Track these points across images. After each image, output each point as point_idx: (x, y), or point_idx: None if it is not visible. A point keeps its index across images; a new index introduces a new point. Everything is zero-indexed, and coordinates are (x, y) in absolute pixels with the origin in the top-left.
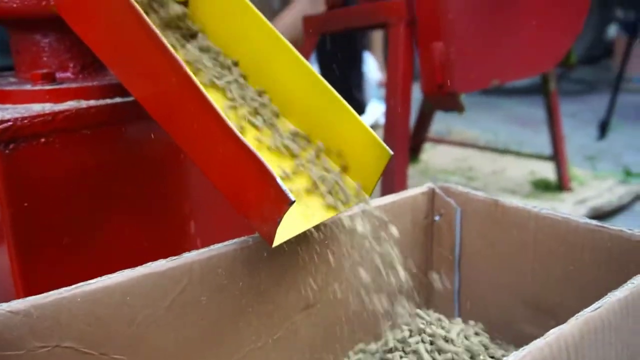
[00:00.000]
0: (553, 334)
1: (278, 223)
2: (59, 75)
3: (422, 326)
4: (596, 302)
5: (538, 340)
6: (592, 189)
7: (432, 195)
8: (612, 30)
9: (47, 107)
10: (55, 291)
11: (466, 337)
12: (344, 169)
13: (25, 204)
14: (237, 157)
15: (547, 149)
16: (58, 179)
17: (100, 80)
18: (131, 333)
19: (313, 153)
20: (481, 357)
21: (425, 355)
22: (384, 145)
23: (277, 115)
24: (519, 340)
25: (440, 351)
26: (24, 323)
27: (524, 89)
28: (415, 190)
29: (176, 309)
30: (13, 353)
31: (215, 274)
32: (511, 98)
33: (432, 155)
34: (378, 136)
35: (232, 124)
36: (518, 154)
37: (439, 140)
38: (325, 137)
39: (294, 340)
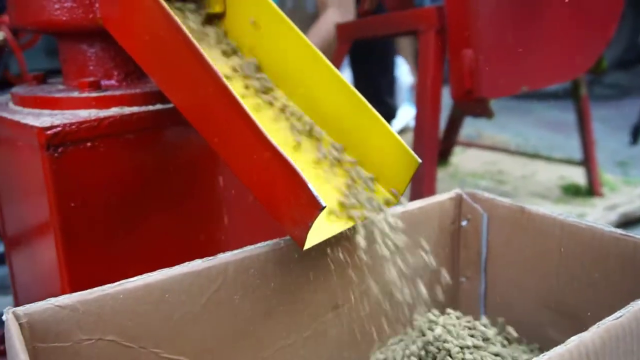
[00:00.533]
0: (574, 341)
1: (309, 227)
2: (103, 83)
3: (450, 327)
4: (619, 311)
5: (559, 347)
6: (623, 195)
7: (459, 201)
8: None
9: (93, 113)
10: (99, 288)
11: (490, 340)
12: (374, 176)
13: (72, 204)
14: (271, 164)
15: (578, 154)
16: (103, 181)
17: (142, 88)
18: (169, 328)
19: (347, 160)
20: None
21: (455, 353)
22: (413, 153)
23: (312, 126)
24: (543, 343)
25: (466, 352)
26: (71, 317)
27: (555, 94)
28: (443, 196)
29: (211, 307)
30: (60, 345)
31: (248, 274)
32: (542, 102)
33: (462, 158)
34: (408, 140)
35: (266, 132)
36: (548, 158)
37: (469, 144)
38: (357, 146)
39: (322, 339)
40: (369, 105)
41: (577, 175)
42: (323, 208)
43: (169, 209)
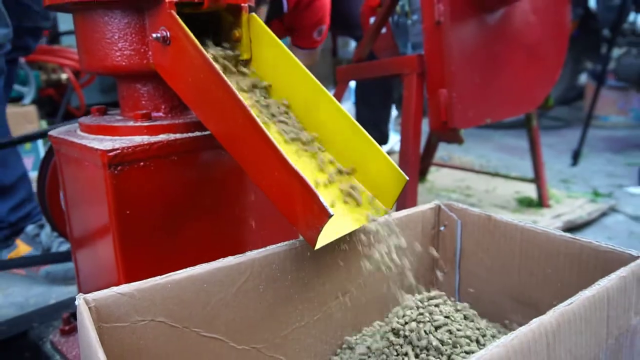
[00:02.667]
0: (535, 322)
1: (320, 231)
2: (153, 115)
3: (430, 306)
4: (569, 299)
5: (523, 327)
6: (567, 206)
7: (438, 210)
8: (583, 78)
9: (145, 139)
10: (152, 279)
11: (465, 317)
12: (370, 190)
13: (128, 212)
14: (289, 180)
15: (530, 173)
16: (152, 193)
17: (184, 118)
18: (207, 312)
19: (348, 178)
20: (478, 336)
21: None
22: (402, 172)
23: (321, 149)
24: (506, 326)
25: (440, 327)
26: (129, 302)
27: (511, 124)
28: (424, 207)
29: (240, 295)
30: (120, 324)
31: (271, 268)
32: (500, 131)
33: (436, 176)
34: (394, 160)
35: (285, 153)
36: (506, 176)
37: (442, 165)
38: (356, 166)
39: (329, 321)
40: (366, 133)
41: (530, 190)
42: (331, 216)
43: (206, 216)
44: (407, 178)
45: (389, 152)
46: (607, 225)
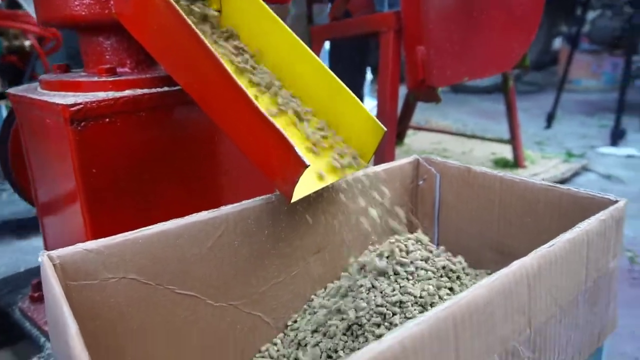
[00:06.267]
0: (516, 264)
1: (296, 183)
2: (118, 70)
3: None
4: (551, 241)
5: (505, 269)
6: (541, 166)
7: (416, 164)
8: (557, 42)
9: (110, 94)
10: (121, 235)
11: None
12: (347, 142)
13: (94, 170)
14: (263, 131)
15: (506, 135)
16: (120, 151)
17: (152, 73)
18: (181, 268)
19: (325, 130)
20: (457, 274)
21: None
22: (380, 123)
23: (296, 101)
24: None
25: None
26: (97, 259)
27: (486, 89)
28: (403, 161)
29: (215, 250)
30: (89, 282)
31: (246, 223)
32: (476, 96)
33: (414, 139)
34: None
35: (259, 104)
36: (483, 138)
37: (419, 128)
38: (333, 118)
39: (307, 277)
40: (342, 84)
41: (506, 152)
42: (307, 166)
43: (178, 175)
44: (385, 129)
45: None
46: (580, 183)
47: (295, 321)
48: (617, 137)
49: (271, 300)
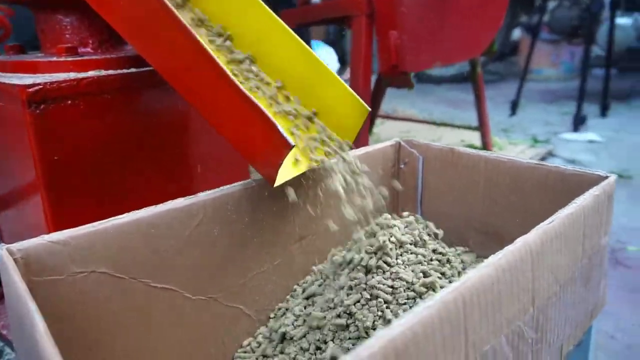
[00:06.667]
0: (520, 241)
1: (280, 165)
2: (80, 50)
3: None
4: (550, 217)
5: (509, 246)
6: (509, 152)
7: (398, 147)
8: (517, 33)
9: (72, 75)
10: (90, 224)
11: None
12: (330, 123)
13: (55, 158)
14: (245, 112)
15: (472, 122)
16: (84, 136)
17: (117, 53)
18: (156, 260)
19: (305, 112)
20: (447, 257)
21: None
22: (363, 103)
23: (275, 81)
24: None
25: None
26: (63, 251)
27: (450, 78)
28: (384, 144)
29: (193, 240)
30: (55, 277)
31: (225, 210)
32: (440, 85)
33: (382, 129)
34: None
35: (241, 85)
36: (451, 125)
37: (387, 117)
38: (315, 99)
39: (290, 266)
40: (323, 62)
41: (474, 139)
42: (292, 147)
43: (147, 161)
44: (369, 109)
45: None
46: None
47: (279, 313)
48: (578, 123)
49: (253, 291)
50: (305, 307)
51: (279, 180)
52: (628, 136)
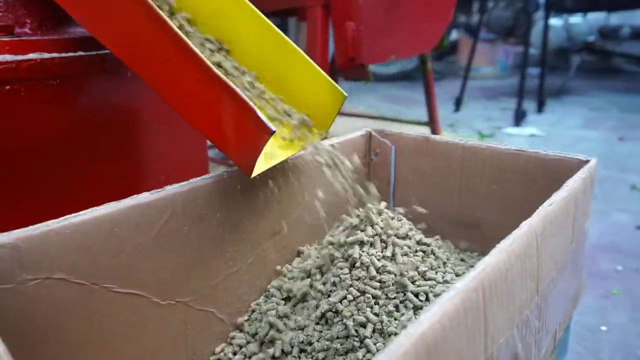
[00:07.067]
0: (525, 225)
1: (259, 153)
2: (17, 31)
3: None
4: (548, 199)
5: (517, 230)
6: None
7: (368, 137)
8: (454, 33)
9: (9, 58)
10: (43, 223)
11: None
12: (304, 110)
13: None
14: (217, 95)
15: (417, 118)
16: (26, 127)
17: (60, 35)
18: (121, 262)
19: (278, 99)
20: (432, 249)
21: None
22: (339, 88)
23: (244, 68)
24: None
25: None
26: (11, 256)
27: (392, 76)
28: (354, 134)
29: (161, 239)
30: (3, 287)
31: (196, 204)
32: (383, 83)
33: (333, 127)
34: None
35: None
36: (403, 121)
37: (339, 114)
38: (284, 84)
39: (263, 265)
40: (295, 46)
41: (425, 134)
42: (273, 132)
43: (98, 155)
44: (346, 95)
45: None
46: None
47: (252, 316)
48: (519, 118)
49: (225, 293)
50: (283, 308)
51: (256, 171)
52: (564, 130)
